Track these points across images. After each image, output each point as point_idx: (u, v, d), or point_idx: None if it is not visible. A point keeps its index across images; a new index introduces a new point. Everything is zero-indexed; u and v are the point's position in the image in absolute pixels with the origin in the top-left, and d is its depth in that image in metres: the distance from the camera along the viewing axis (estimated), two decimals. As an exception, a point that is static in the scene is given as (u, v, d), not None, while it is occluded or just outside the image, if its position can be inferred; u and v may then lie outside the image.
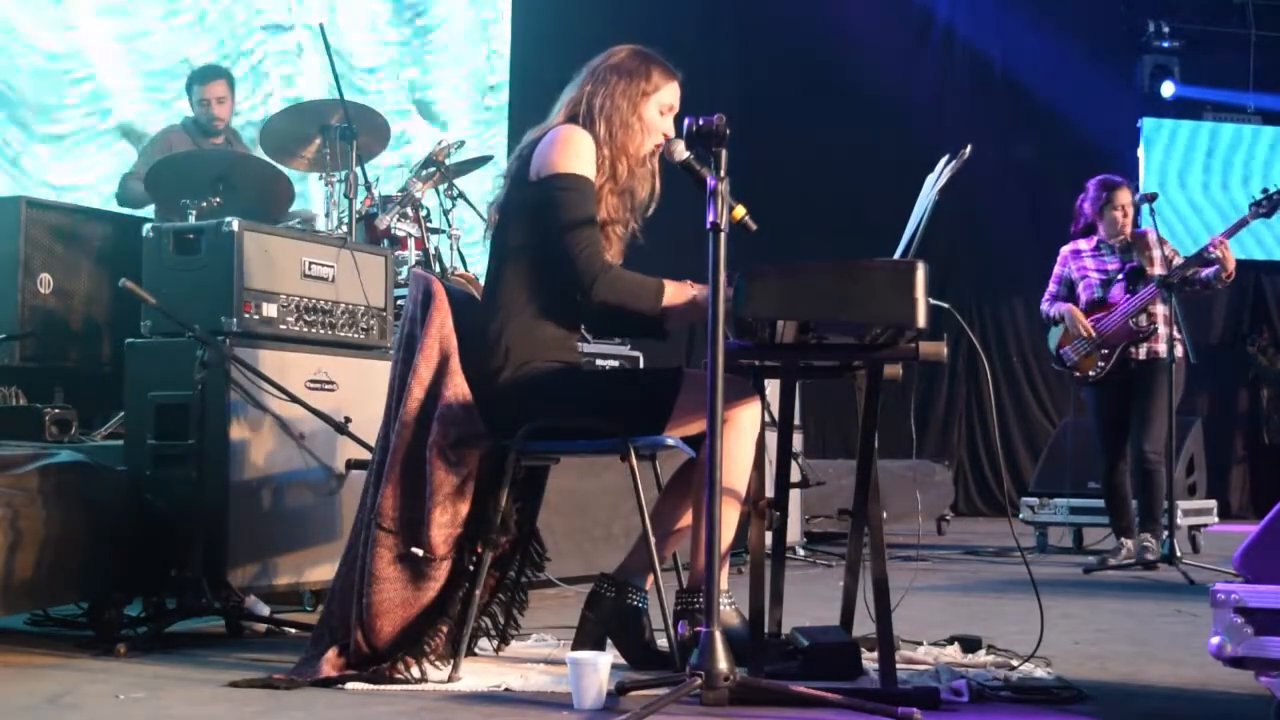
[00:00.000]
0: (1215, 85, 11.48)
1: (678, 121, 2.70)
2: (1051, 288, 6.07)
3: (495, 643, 3.27)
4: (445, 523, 2.94)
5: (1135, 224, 5.97)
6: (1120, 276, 5.84)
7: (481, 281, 4.21)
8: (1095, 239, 5.96)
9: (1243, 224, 5.77)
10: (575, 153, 3.03)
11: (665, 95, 3.16)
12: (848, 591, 3.17)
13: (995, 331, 11.29)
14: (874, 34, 10.58)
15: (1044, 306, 6.08)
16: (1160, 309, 5.75)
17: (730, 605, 2.95)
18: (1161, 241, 5.90)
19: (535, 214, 3.05)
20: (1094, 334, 5.83)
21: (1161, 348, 5.76)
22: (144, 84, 7.64)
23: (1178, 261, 5.76)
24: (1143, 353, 5.80)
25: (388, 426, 3.05)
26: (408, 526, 2.95)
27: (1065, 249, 6.06)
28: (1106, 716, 2.62)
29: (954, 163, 2.87)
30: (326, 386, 3.92)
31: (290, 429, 3.78)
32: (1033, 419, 11.26)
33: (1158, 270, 5.75)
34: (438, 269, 5.67)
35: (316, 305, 4.00)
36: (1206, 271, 5.69)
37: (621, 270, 3.05)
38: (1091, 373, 5.90)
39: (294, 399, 3.72)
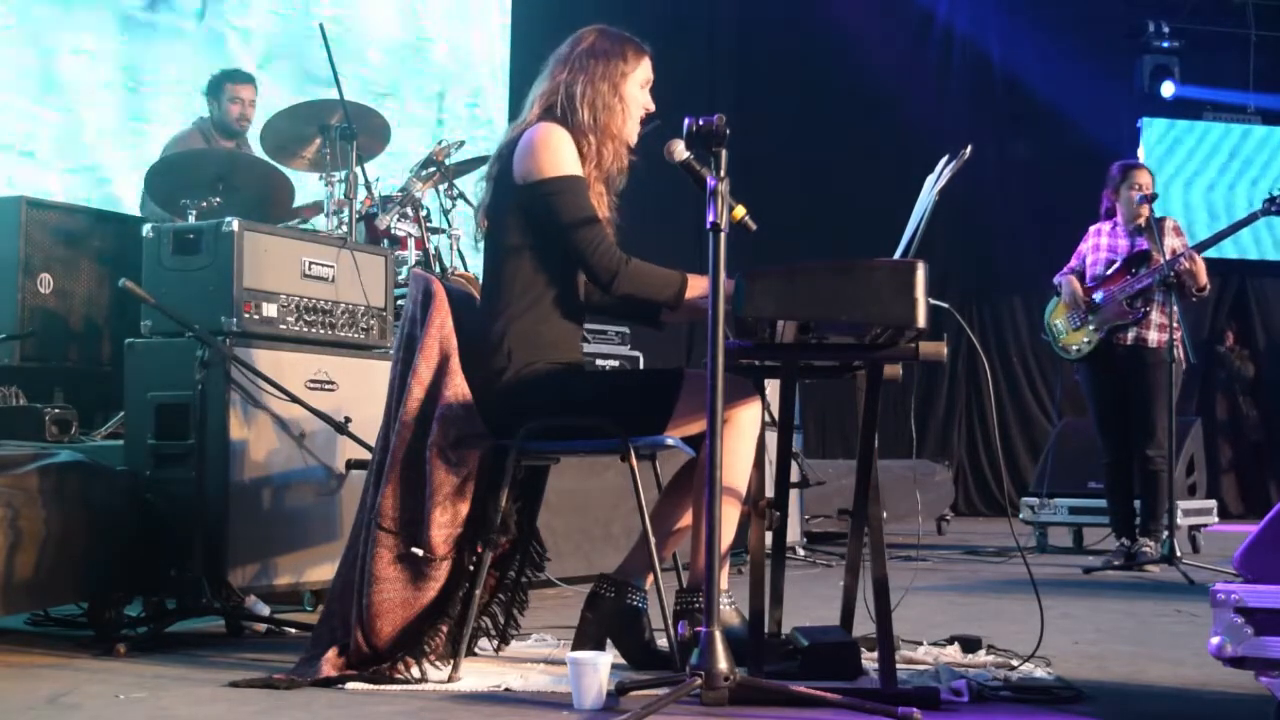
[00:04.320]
0: (1215, 85, 11.48)
1: (678, 122, 2.70)
2: (1071, 262, 6.09)
3: (495, 643, 3.27)
4: (445, 523, 2.94)
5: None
6: (1120, 260, 5.85)
7: (481, 282, 4.20)
8: (1114, 221, 5.99)
9: (1252, 219, 5.80)
10: (557, 153, 3.03)
11: (643, 72, 3.18)
12: (848, 591, 3.17)
13: (995, 331, 11.29)
14: (874, 34, 10.58)
15: (1056, 278, 6.10)
16: (1157, 297, 5.75)
17: (730, 605, 2.95)
18: (1178, 232, 5.90)
19: (529, 217, 3.05)
20: (1084, 304, 5.84)
21: (1150, 335, 5.76)
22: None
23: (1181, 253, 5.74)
24: (1129, 338, 5.80)
25: (388, 426, 3.04)
26: (408, 526, 2.95)
27: (1092, 227, 6.09)
28: (1106, 716, 2.62)
29: (954, 163, 2.87)
30: (326, 386, 3.91)
31: (290, 429, 3.78)
32: (1033, 419, 11.26)
33: (1165, 258, 5.73)
34: (438, 269, 5.66)
35: (316, 305, 4.00)
36: (1187, 265, 5.65)
37: (640, 262, 3.05)
38: (1075, 347, 5.91)
39: (294, 399, 3.72)
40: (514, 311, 3.04)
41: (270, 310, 3.83)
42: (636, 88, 3.17)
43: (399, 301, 4.20)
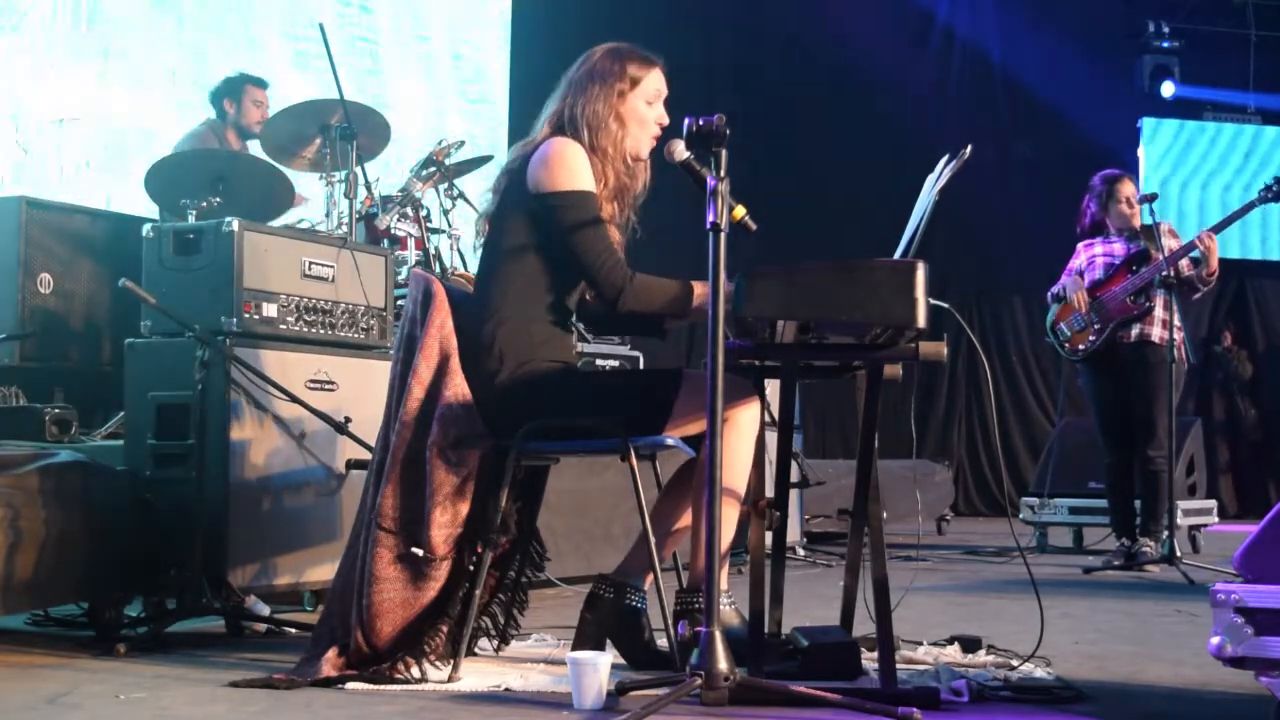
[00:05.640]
0: (1215, 85, 11.49)
1: (678, 122, 2.70)
2: (1062, 279, 6.09)
3: (495, 643, 3.27)
4: (445, 523, 2.94)
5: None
6: (1119, 263, 5.86)
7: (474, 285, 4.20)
8: (1105, 232, 5.99)
9: (1249, 208, 5.81)
10: (571, 167, 3.03)
11: (648, 85, 3.16)
12: (848, 591, 3.17)
13: (995, 331, 11.30)
14: (874, 34, 10.59)
15: (1049, 293, 6.09)
16: (1159, 294, 5.76)
17: (730, 605, 2.95)
18: (1173, 234, 5.90)
19: (535, 224, 3.05)
20: (1087, 308, 5.84)
21: (1154, 330, 5.77)
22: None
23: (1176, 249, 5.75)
24: (1133, 334, 5.80)
25: (388, 426, 3.05)
26: (408, 526, 2.95)
27: (1081, 244, 6.09)
28: (1106, 716, 2.62)
29: (954, 163, 2.87)
30: (326, 386, 3.92)
31: (290, 429, 3.78)
32: (1033, 419, 11.27)
33: (1165, 256, 5.72)
34: (438, 269, 5.67)
35: (316, 305, 4.00)
36: (1190, 270, 5.68)
37: (644, 277, 3.04)
38: (1082, 346, 5.92)
39: (294, 399, 3.72)
40: (504, 314, 3.04)
41: (270, 310, 3.83)
42: (641, 103, 3.14)
43: (399, 301, 4.20)
